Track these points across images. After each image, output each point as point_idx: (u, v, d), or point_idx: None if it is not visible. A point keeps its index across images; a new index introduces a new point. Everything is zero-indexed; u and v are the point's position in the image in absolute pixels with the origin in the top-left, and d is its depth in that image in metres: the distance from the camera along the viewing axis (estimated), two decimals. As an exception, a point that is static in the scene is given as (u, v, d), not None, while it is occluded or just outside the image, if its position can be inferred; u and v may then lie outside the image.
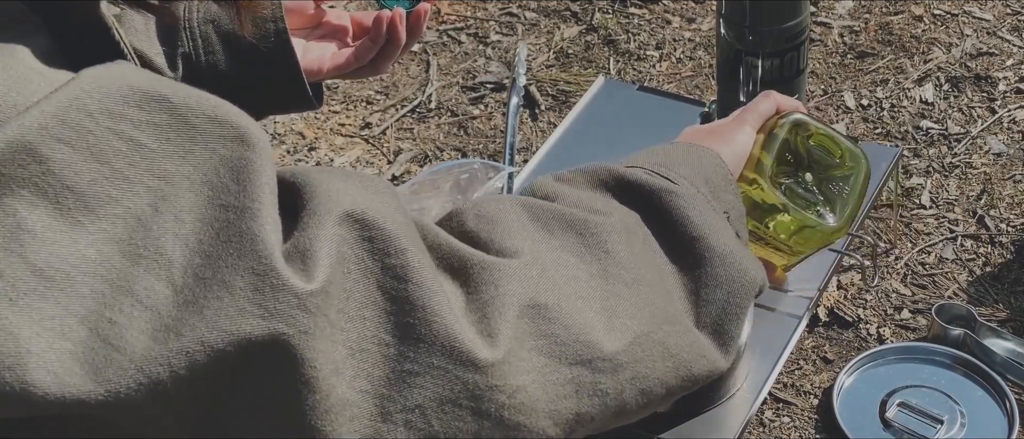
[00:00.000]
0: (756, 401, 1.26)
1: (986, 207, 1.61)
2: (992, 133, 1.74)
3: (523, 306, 0.70)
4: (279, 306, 0.60)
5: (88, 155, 0.58)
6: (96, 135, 0.58)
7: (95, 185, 0.58)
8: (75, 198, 0.57)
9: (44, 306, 0.55)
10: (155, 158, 0.60)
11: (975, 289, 1.50)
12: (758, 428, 1.36)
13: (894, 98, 1.82)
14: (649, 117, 1.63)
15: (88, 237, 0.57)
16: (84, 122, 0.58)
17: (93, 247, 0.57)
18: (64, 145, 0.57)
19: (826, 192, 1.13)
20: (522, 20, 2.08)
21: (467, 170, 1.50)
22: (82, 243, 0.57)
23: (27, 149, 0.56)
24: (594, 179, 0.85)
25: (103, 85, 0.59)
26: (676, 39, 1.99)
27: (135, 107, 0.60)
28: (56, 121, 0.57)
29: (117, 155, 0.59)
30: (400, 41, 1.17)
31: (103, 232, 0.57)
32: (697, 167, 0.92)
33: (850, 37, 1.95)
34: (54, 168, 0.57)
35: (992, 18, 1.96)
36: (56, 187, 0.57)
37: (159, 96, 0.61)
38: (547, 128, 1.83)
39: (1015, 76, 1.84)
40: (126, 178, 0.59)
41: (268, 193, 0.62)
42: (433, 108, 1.92)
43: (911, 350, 1.40)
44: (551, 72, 1.95)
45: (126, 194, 0.59)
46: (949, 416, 1.31)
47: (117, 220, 0.58)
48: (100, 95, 0.59)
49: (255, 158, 0.63)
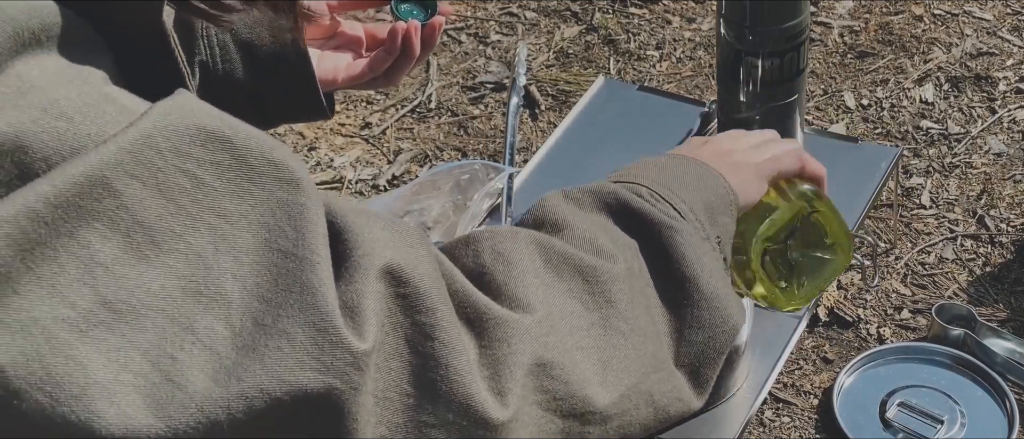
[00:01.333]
0: (756, 401, 1.26)
1: (986, 207, 1.61)
2: (992, 133, 1.74)
3: (531, 365, 0.74)
4: (336, 362, 0.62)
5: (156, 192, 0.59)
6: (165, 173, 0.60)
7: (161, 220, 0.59)
8: (143, 233, 0.59)
9: (110, 338, 0.57)
10: (216, 196, 0.62)
11: (975, 289, 1.50)
12: (758, 428, 1.36)
13: (894, 98, 1.82)
14: (649, 117, 1.63)
15: (153, 271, 0.59)
16: (155, 160, 0.60)
17: (157, 282, 0.59)
18: (136, 181, 0.59)
19: (799, 265, 1.11)
20: (522, 20, 2.08)
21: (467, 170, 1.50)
22: (147, 276, 0.58)
23: (103, 183, 0.58)
24: (600, 202, 0.88)
25: (172, 123, 0.61)
26: (676, 39, 1.99)
27: (200, 146, 0.62)
28: (130, 157, 0.59)
29: (182, 192, 0.60)
30: (414, 53, 1.18)
31: (167, 267, 0.59)
32: (700, 189, 0.93)
33: (850, 37, 1.95)
34: (127, 202, 0.58)
35: (992, 18, 1.96)
36: (128, 222, 0.58)
37: (222, 136, 0.63)
38: (547, 128, 1.83)
39: (1015, 76, 1.84)
40: (189, 215, 0.61)
41: (322, 243, 0.64)
42: (433, 108, 1.92)
43: (911, 350, 1.40)
44: (551, 72, 1.95)
45: (189, 230, 0.60)
46: (949, 416, 1.31)
47: (180, 256, 0.60)
48: (169, 133, 0.61)
49: (309, 203, 0.65)
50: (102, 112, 0.59)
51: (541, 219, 0.85)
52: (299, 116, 1.21)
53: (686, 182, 0.93)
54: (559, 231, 0.83)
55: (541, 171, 1.57)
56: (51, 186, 0.56)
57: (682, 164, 0.96)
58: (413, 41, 1.17)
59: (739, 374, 1.27)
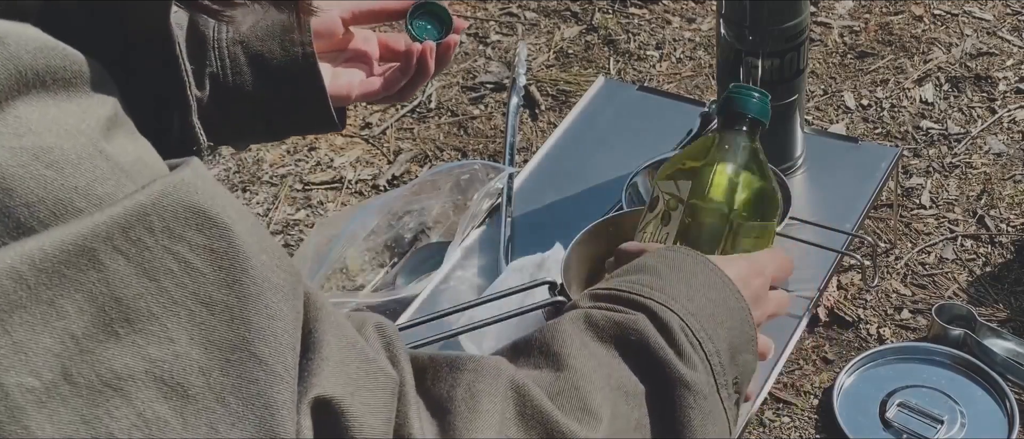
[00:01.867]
0: (756, 401, 1.26)
1: (986, 207, 1.61)
2: (992, 133, 1.74)
3: None
4: None
5: (141, 270, 0.59)
6: (153, 252, 0.59)
7: (140, 300, 0.59)
8: (118, 309, 0.58)
9: (63, 412, 0.56)
10: (204, 283, 0.61)
11: (975, 289, 1.50)
12: (758, 428, 1.36)
13: (894, 98, 1.82)
14: (649, 117, 1.63)
15: (120, 349, 0.58)
16: (145, 238, 0.59)
17: (121, 360, 0.58)
18: (122, 257, 0.58)
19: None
20: (522, 20, 2.08)
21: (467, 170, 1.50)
22: (112, 353, 0.58)
23: (90, 254, 0.57)
24: (622, 337, 0.83)
25: (172, 202, 0.60)
26: (676, 39, 2.00)
27: (196, 230, 0.61)
28: (121, 232, 0.58)
29: (168, 274, 0.60)
30: (429, 72, 1.18)
31: (136, 347, 0.58)
32: (730, 325, 0.89)
33: (850, 37, 1.95)
34: (108, 277, 0.58)
35: (992, 18, 1.96)
36: (105, 296, 0.58)
37: (222, 223, 0.62)
38: (547, 128, 1.83)
39: (1015, 76, 1.84)
40: (171, 298, 0.60)
41: (295, 358, 0.64)
42: (433, 108, 1.92)
43: (911, 350, 1.40)
44: (551, 72, 1.95)
45: (167, 313, 0.59)
46: (949, 416, 1.31)
47: (152, 338, 0.59)
48: (166, 213, 0.60)
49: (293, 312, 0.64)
50: (94, 167, 0.59)
51: (548, 346, 0.80)
52: (309, 128, 1.21)
53: (719, 318, 0.88)
54: (558, 370, 0.79)
55: (541, 171, 1.57)
56: (39, 249, 0.56)
57: (719, 287, 0.90)
58: (428, 62, 1.17)
59: (739, 374, 1.27)
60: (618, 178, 1.47)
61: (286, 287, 0.64)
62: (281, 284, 0.64)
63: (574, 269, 1.27)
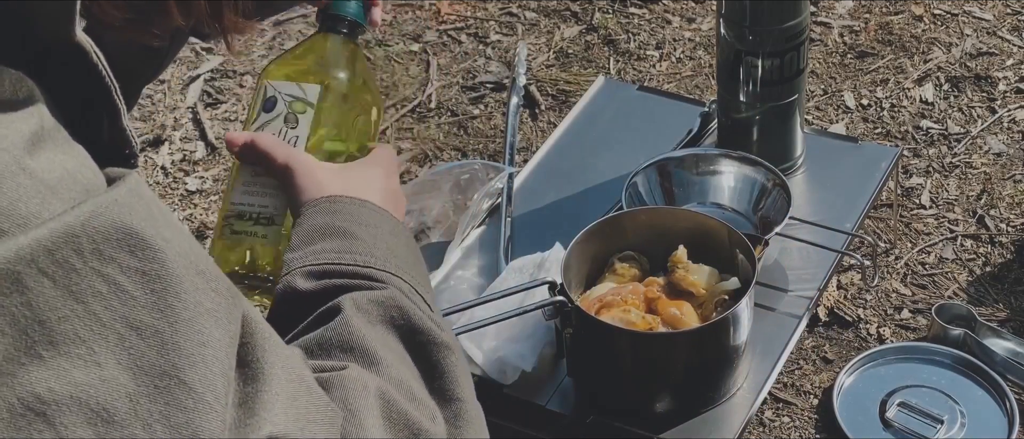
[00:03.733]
0: (756, 401, 1.26)
1: (986, 207, 1.61)
2: (992, 133, 1.74)
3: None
4: None
5: (67, 292, 0.57)
6: (80, 274, 0.58)
7: (65, 322, 0.57)
8: (42, 332, 0.57)
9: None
10: (134, 306, 0.59)
11: (975, 289, 1.50)
12: (758, 428, 1.36)
13: (894, 98, 1.82)
14: (649, 117, 1.63)
15: (44, 372, 0.56)
16: (72, 260, 0.58)
17: (45, 384, 0.56)
18: (47, 279, 0.57)
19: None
20: (522, 20, 2.08)
21: (467, 170, 1.50)
22: (36, 376, 0.56)
23: (14, 277, 0.56)
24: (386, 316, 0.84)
25: (103, 223, 0.59)
26: (676, 39, 2.00)
27: (127, 252, 0.59)
28: (46, 255, 0.57)
29: (96, 297, 0.58)
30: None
31: (61, 370, 0.57)
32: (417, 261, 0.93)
33: (850, 37, 1.95)
34: (32, 300, 0.56)
35: (992, 18, 1.96)
36: (28, 319, 0.56)
37: (154, 245, 0.60)
38: (547, 128, 1.83)
39: (1015, 76, 1.84)
40: (99, 321, 0.58)
41: (226, 387, 0.62)
42: (433, 108, 1.92)
43: (911, 350, 1.40)
44: (551, 72, 1.95)
45: (95, 337, 0.58)
46: (949, 416, 1.31)
47: (78, 361, 0.57)
48: (96, 234, 0.59)
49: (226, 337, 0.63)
50: (16, 185, 0.57)
51: (349, 344, 0.80)
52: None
53: (412, 259, 0.92)
54: (373, 365, 0.80)
55: (541, 171, 1.57)
56: None
57: (398, 232, 0.94)
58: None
59: (739, 374, 1.27)
60: (618, 178, 1.47)
61: (220, 311, 0.63)
62: (214, 308, 0.63)
63: (574, 269, 1.27)
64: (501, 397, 1.25)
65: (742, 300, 1.19)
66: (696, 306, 1.24)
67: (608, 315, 1.21)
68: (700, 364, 1.23)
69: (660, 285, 1.26)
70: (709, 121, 1.57)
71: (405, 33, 2.08)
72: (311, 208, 0.92)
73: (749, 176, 1.42)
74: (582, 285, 1.29)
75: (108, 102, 0.70)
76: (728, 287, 1.24)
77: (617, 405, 1.26)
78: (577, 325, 1.22)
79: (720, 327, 1.20)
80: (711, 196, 1.43)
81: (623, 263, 1.29)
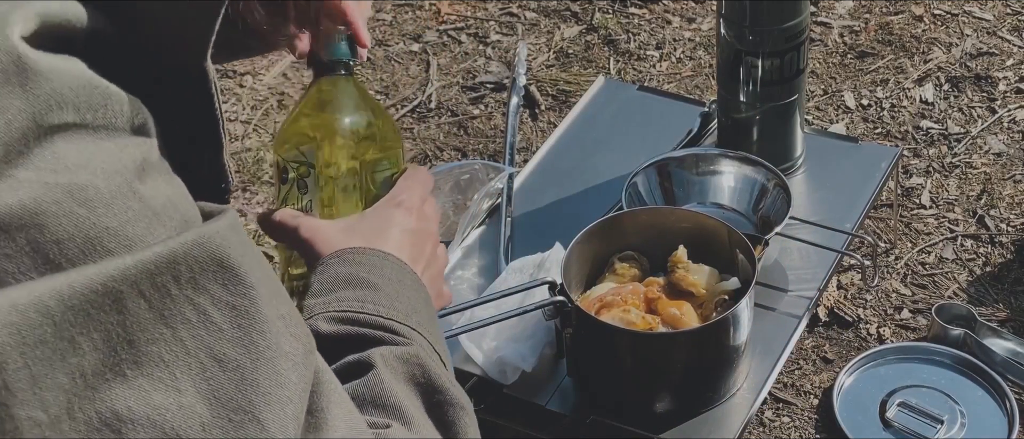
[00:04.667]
0: (756, 401, 1.26)
1: (986, 207, 1.61)
2: (992, 133, 1.74)
3: None
4: None
5: (159, 317, 0.59)
6: (175, 300, 0.59)
7: (153, 345, 0.59)
8: (131, 351, 0.58)
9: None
10: (220, 338, 0.61)
11: (975, 289, 1.50)
12: (758, 428, 1.36)
13: (894, 98, 1.82)
14: (649, 117, 1.63)
15: (125, 391, 0.58)
16: (169, 286, 0.59)
17: (124, 402, 0.58)
18: (144, 301, 0.58)
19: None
20: (522, 20, 2.08)
21: (467, 170, 1.50)
22: (116, 394, 0.58)
23: (115, 297, 0.57)
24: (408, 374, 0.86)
25: (201, 255, 0.61)
26: (676, 39, 2.00)
27: (221, 285, 0.61)
28: (147, 278, 0.58)
29: (185, 324, 0.60)
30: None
31: (141, 391, 0.58)
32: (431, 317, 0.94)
33: (850, 37, 1.95)
34: (127, 320, 0.58)
35: (992, 18, 1.96)
36: (120, 337, 0.58)
37: (247, 282, 0.62)
38: (547, 128, 1.83)
39: (1015, 76, 1.84)
40: (185, 348, 0.60)
41: (294, 427, 0.64)
42: (433, 108, 1.92)
43: (911, 350, 1.40)
44: (551, 72, 1.95)
45: (178, 363, 0.59)
46: (949, 416, 1.31)
47: (158, 384, 0.59)
48: (194, 264, 0.60)
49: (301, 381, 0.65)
50: (126, 207, 0.59)
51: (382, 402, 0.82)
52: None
53: (431, 316, 0.93)
54: (407, 425, 0.82)
55: (541, 171, 1.57)
56: (68, 286, 0.56)
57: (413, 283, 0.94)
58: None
59: (739, 374, 1.27)
60: (618, 178, 1.47)
61: (297, 356, 0.65)
62: (292, 353, 0.64)
63: (574, 269, 1.27)
64: (501, 397, 1.25)
65: (742, 300, 1.19)
66: (696, 306, 1.24)
67: (608, 315, 1.21)
68: (700, 364, 1.23)
69: (660, 285, 1.26)
70: (709, 121, 1.57)
71: (405, 33, 2.08)
72: (333, 258, 0.93)
73: (749, 176, 1.42)
74: (582, 285, 1.29)
75: (213, 135, 0.72)
76: (728, 287, 1.24)
77: (617, 405, 1.26)
78: (577, 325, 1.22)
79: (720, 327, 1.20)
80: (711, 196, 1.43)
81: (623, 263, 1.29)
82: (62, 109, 0.58)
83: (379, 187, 1.04)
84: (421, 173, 1.07)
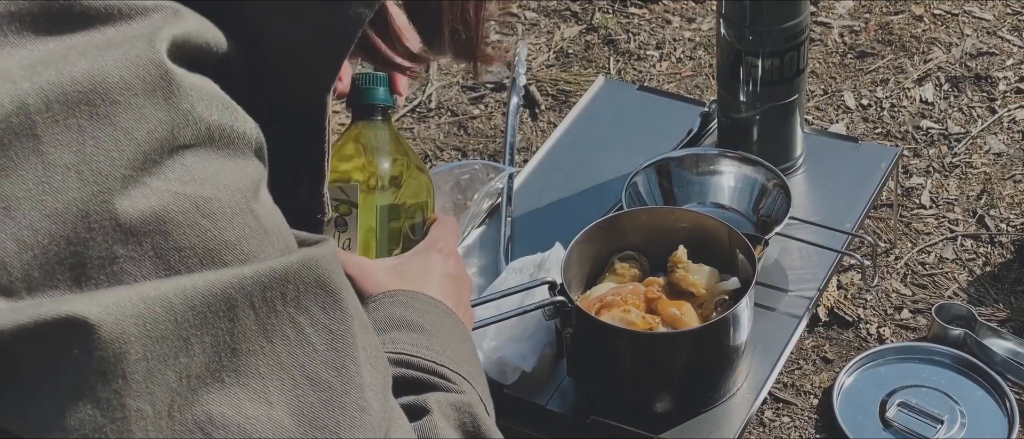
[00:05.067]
0: (756, 401, 1.26)
1: (986, 207, 1.61)
2: (992, 133, 1.74)
3: None
4: None
5: (262, 330, 0.61)
6: (279, 316, 0.62)
7: (252, 356, 0.61)
8: (232, 359, 0.60)
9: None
10: (314, 358, 0.63)
11: (975, 289, 1.50)
12: (758, 428, 1.36)
13: (894, 98, 1.82)
14: (649, 117, 1.63)
15: (220, 397, 0.60)
16: (276, 302, 0.62)
17: (218, 407, 0.60)
18: (253, 313, 0.61)
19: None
20: (522, 20, 2.08)
21: (467, 170, 1.50)
22: (212, 399, 0.60)
23: (230, 304, 0.60)
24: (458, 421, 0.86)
25: (308, 276, 0.63)
26: (676, 39, 2.00)
27: (320, 308, 0.64)
28: (260, 291, 0.61)
29: (284, 341, 0.62)
30: None
31: (235, 400, 0.60)
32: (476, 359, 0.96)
33: (850, 37, 1.95)
34: (235, 329, 0.60)
35: (992, 18, 1.96)
36: (227, 345, 0.60)
37: (344, 306, 0.65)
38: (547, 128, 1.83)
39: (1015, 76, 1.84)
40: (281, 364, 0.62)
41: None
42: (433, 108, 1.92)
43: (911, 350, 1.40)
44: (551, 72, 1.95)
45: (273, 377, 0.62)
46: (949, 416, 1.31)
47: (252, 394, 0.61)
48: (301, 283, 0.63)
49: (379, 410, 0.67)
50: (244, 223, 0.62)
51: None
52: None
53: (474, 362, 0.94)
54: None
55: (541, 171, 1.57)
56: (191, 287, 0.58)
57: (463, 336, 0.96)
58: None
59: (739, 374, 1.27)
60: (618, 178, 1.47)
61: (378, 387, 0.67)
62: (374, 383, 0.67)
63: (574, 269, 1.27)
64: (501, 397, 1.25)
65: (742, 300, 1.19)
66: (696, 306, 1.24)
67: (608, 315, 1.21)
68: (700, 364, 1.23)
69: (660, 285, 1.26)
70: (709, 121, 1.57)
71: (405, 33, 2.08)
72: (386, 298, 0.95)
73: (749, 176, 1.42)
74: (582, 285, 1.30)
75: (317, 166, 0.75)
76: (728, 287, 1.24)
77: (617, 405, 1.26)
78: (577, 325, 1.22)
79: (720, 327, 1.20)
80: (711, 196, 1.43)
81: (623, 263, 1.29)
82: (197, 126, 0.61)
83: (414, 232, 1.07)
84: (452, 222, 1.11)
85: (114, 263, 0.58)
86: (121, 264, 0.58)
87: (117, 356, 0.56)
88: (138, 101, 0.59)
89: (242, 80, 0.67)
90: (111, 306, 0.56)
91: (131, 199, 0.58)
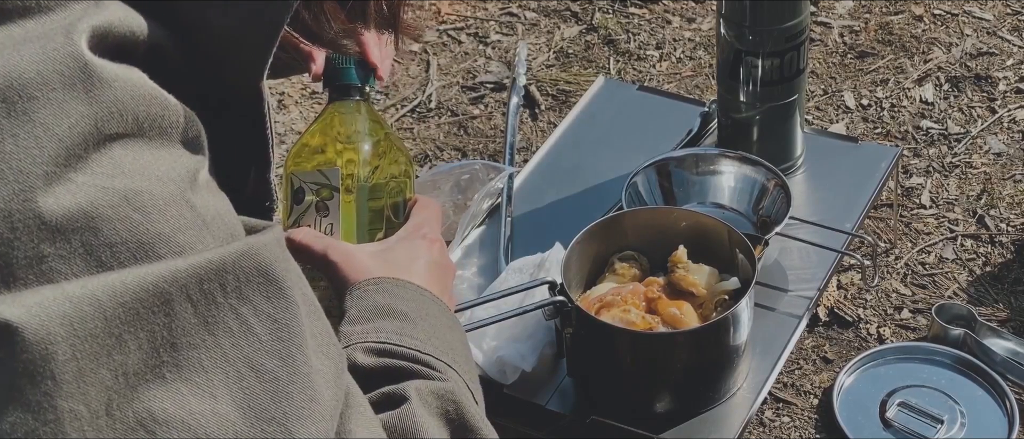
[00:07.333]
0: (756, 401, 1.26)
1: (986, 207, 1.61)
2: (992, 133, 1.74)
3: None
4: None
5: (203, 323, 0.60)
6: (219, 308, 0.60)
7: (194, 350, 0.60)
8: (172, 354, 0.59)
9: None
10: (259, 349, 0.62)
11: (975, 289, 1.50)
12: (758, 428, 1.36)
13: (894, 98, 1.82)
14: (649, 117, 1.63)
15: (161, 393, 0.59)
16: (215, 293, 0.60)
17: (160, 403, 0.59)
18: (190, 306, 0.59)
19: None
20: (522, 20, 2.08)
21: (467, 170, 1.50)
22: (153, 395, 0.59)
23: (165, 299, 0.58)
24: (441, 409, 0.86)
25: (248, 265, 0.62)
26: (676, 39, 2.00)
27: (264, 297, 0.62)
28: (196, 283, 0.59)
29: (227, 333, 0.61)
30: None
31: (178, 394, 0.59)
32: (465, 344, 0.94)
33: (850, 37, 1.95)
34: (172, 323, 0.59)
35: (992, 18, 1.96)
36: (165, 340, 0.59)
37: (290, 296, 0.63)
38: (547, 128, 1.83)
39: (1015, 76, 1.84)
40: (225, 356, 0.61)
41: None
42: (433, 108, 1.92)
43: (911, 350, 1.40)
44: (551, 72, 1.95)
45: (217, 370, 0.60)
46: (949, 416, 1.31)
47: (195, 389, 0.60)
48: (240, 274, 0.61)
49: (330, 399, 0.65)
50: (178, 215, 0.60)
51: (414, 435, 0.82)
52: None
53: (466, 353, 0.93)
54: None
55: (541, 171, 1.57)
56: (121, 283, 0.57)
57: (451, 323, 0.95)
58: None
59: (739, 374, 1.27)
60: (618, 178, 1.47)
61: (329, 375, 0.65)
62: (324, 370, 0.65)
63: (574, 269, 1.27)
64: (501, 397, 1.25)
65: (742, 300, 1.19)
66: (696, 306, 1.24)
67: (608, 315, 1.21)
68: (700, 364, 1.23)
69: (660, 285, 1.26)
70: (709, 121, 1.57)
71: (405, 33, 2.08)
72: (370, 285, 0.93)
73: (749, 176, 1.42)
74: (582, 285, 1.30)
75: (262, 154, 0.73)
76: (728, 287, 1.24)
77: (617, 405, 1.26)
78: (577, 325, 1.22)
79: (720, 327, 1.20)
80: (711, 196, 1.43)
81: (623, 263, 1.29)
82: (123, 117, 0.59)
83: (396, 213, 1.05)
84: (435, 205, 1.09)
85: (42, 262, 0.56)
86: (50, 263, 0.56)
87: (44, 358, 0.55)
88: (57, 96, 0.57)
89: (177, 68, 0.65)
90: (34, 307, 0.55)
91: (55, 196, 0.56)
